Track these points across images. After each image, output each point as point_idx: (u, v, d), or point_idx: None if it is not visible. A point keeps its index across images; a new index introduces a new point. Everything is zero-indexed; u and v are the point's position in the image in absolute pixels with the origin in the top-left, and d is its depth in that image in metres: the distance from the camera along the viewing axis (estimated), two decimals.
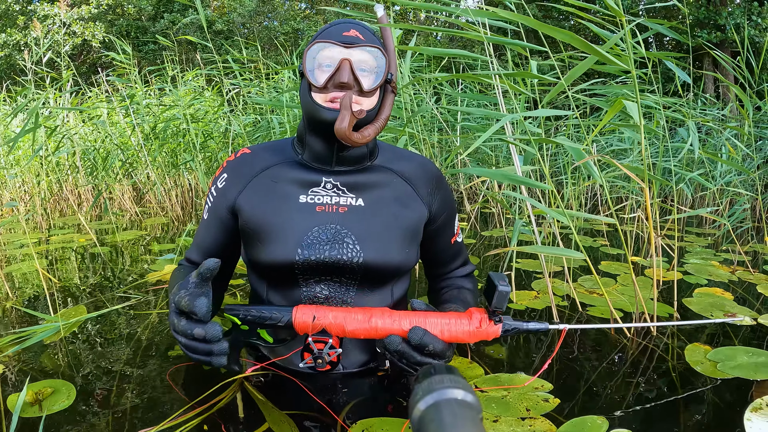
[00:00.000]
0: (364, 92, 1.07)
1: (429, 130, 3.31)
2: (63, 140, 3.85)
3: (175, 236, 2.99)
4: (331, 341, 1.03)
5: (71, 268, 2.27)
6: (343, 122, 1.02)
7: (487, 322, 1.00)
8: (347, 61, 1.04)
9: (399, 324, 0.99)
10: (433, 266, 1.36)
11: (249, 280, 1.26)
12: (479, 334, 1.00)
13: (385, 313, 1.01)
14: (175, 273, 1.23)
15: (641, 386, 1.16)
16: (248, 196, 1.15)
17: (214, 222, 1.21)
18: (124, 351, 1.34)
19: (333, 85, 1.05)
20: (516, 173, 1.40)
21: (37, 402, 1.06)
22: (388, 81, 1.12)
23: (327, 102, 1.07)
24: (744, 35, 2.24)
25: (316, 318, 1.01)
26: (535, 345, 1.40)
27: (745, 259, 2.29)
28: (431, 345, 0.97)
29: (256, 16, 15.07)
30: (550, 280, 1.64)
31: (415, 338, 0.96)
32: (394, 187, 1.18)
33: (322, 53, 1.07)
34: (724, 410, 1.05)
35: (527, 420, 1.00)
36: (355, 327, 1.00)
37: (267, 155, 1.20)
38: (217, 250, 1.23)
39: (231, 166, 1.20)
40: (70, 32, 13.54)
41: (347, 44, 1.06)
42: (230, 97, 3.97)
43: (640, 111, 1.25)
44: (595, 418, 0.99)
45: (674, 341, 1.41)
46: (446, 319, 1.00)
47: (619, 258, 2.38)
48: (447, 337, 0.99)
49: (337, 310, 1.02)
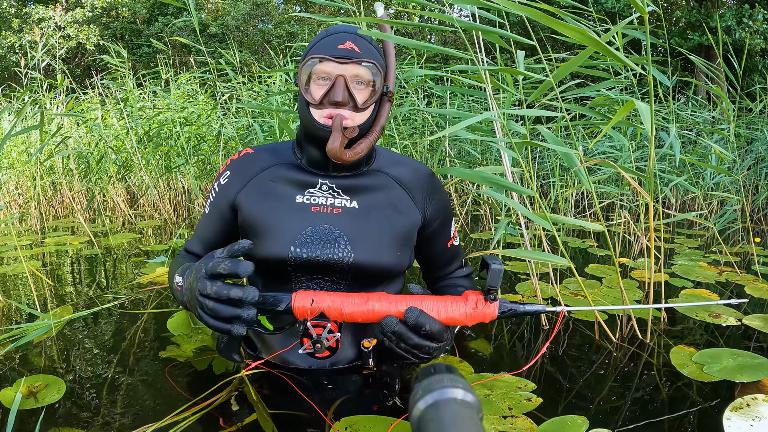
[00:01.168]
0: (359, 108, 1.08)
1: (419, 133, 3.33)
2: (58, 144, 3.85)
3: (168, 238, 2.99)
4: (330, 326, 1.04)
5: (64, 270, 2.27)
6: (334, 143, 1.04)
7: (483, 303, 1.00)
8: (342, 77, 1.05)
9: (396, 306, 1.00)
10: (430, 270, 1.37)
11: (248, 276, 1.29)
12: (476, 316, 1.00)
13: (382, 296, 1.02)
14: (175, 260, 1.26)
15: (625, 388, 1.17)
16: (248, 194, 1.19)
17: (216, 216, 1.25)
18: (114, 350, 1.35)
19: (328, 101, 1.07)
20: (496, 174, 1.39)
21: (32, 395, 1.10)
22: (384, 93, 1.13)
23: (323, 119, 1.08)
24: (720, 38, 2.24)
25: (315, 302, 1.02)
26: (525, 345, 1.41)
27: (732, 260, 2.31)
28: (428, 325, 0.97)
29: (251, 20, 15.07)
30: (538, 284, 1.65)
31: (412, 318, 0.97)
32: (389, 192, 1.20)
33: (317, 68, 1.07)
34: (706, 411, 1.06)
35: (509, 418, 1.01)
36: (353, 310, 1.01)
37: (268, 156, 1.23)
38: (216, 243, 1.27)
39: (234, 165, 1.24)
40: (65, 35, 13.52)
41: (342, 59, 1.06)
42: (224, 100, 3.98)
43: (653, 113, 1.21)
44: (576, 417, 1.01)
45: (661, 342, 1.43)
46: (442, 301, 1.01)
47: (607, 259, 2.40)
48: (444, 319, 1.00)
49: (335, 294, 1.04)
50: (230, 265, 0.95)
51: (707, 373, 1.22)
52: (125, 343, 1.42)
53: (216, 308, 0.96)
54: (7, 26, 13.71)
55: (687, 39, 9.57)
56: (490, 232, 3.08)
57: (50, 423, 1.00)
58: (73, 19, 13.78)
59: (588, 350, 1.39)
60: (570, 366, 1.28)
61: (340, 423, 0.99)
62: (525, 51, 1.49)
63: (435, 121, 3.14)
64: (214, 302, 0.96)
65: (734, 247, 2.73)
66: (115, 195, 3.97)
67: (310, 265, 1.13)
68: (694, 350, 1.34)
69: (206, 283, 0.96)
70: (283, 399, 1.09)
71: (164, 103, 4.02)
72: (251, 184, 1.20)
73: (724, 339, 1.44)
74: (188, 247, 1.31)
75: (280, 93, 3.09)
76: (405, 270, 1.25)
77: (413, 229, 1.21)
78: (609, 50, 1.06)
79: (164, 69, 4.47)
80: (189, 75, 4.54)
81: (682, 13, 9.86)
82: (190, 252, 1.31)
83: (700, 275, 2.09)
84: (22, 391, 1.11)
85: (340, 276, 1.15)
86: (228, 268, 0.95)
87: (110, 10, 15.03)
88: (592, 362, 1.31)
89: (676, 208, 3.65)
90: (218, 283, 0.96)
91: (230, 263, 0.95)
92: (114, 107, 3.99)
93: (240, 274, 0.95)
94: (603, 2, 9.37)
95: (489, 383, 1.15)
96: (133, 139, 3.62)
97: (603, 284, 1.95)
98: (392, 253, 1.16)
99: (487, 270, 0.97)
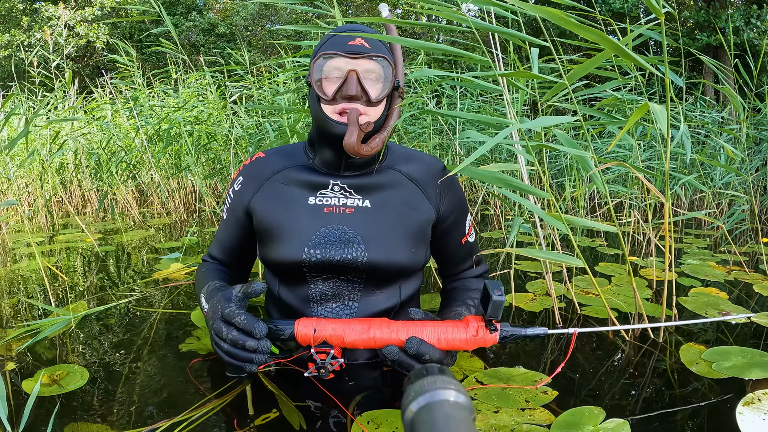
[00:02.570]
0: (372, 102, 1.10)
1: (428, 134, 3.34)
2: (66, 142, 3.89)
3: (179, 236, 3.02)
4: (333, 352, 1.06)
5: (76, 267, 2.30)
6: (351, 137, 1.06)
7: (484, 331, 1.03)
8: (354, 72, 1.07)
9: (396, 334, 1.02)
10: (445, 266, 1.38)
11: (265, 276, 1.32)
12: (476, 342, 1.03)
13: (383, 324, 1.04)
14: (201, 270, 1.30)
15: (636, 383, 1.19)
16: (261, 199, 1.21)
17: (233, 222, 1.28)
18: (133, 344, 1.37)
19: (341, 96, 1.08)
20: (509, 172, 1.38)
21: (54, 382, 1.14)
22: (395, 88, 1.14)
23: (336, 114, 1.10)
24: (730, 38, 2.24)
25: (317, 330, 1.05)
26: (540, 342, 1.42)
27: (741, 259, 2.32)
28: (427, 354, 1.00)
29: (259, 19, 15.10)
30: (552, 283, 1.65)
31: (412, 348, 1.00)
32: (402, 189, 1.20)
33: (329, 64, 1.09)
34: (718, 406, 1.07)
35: (527, 410, 1.03)
36: (354, 338, 1.04)
37: (279, 159, 1.24)
38: (236, 248, 1.31)
39: (246, 170, 1.26)
40: (74, 33, 13.59)
41: (353, 54, 1.08)
42: (233, 100, 4.00)
43: (669, 116, 1.20)
44: (593, 408, 1.02)
45: (672, 340, 1.44)
46: (443, 327, 1.03)
47: (617, 258, 2.40)
48: (444, 346, 1.02)
49: (336, 322, 1.06)
50: (246, 323, 1.00)
51: (716, 371, 1.22)
52: (142, 337, 1.44)
53: (231, 352, 1.01)
54: (16, 24, 13.78)
55: (695, 39, 9.54)
56: (500, 231, 3.09)
57: (70, 410, 1.03)
58: (82, 17, 13.84)
59: (598, 346, 1.40)
60: (582, 362, 1.29)
61: (362, 417, 1.00)
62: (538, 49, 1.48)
63: (445, 120, 3.15)
64: (232, 347, 1.01)
65: (742, 246, 2.73)
66: (126, 194, 4.00)
67: (326, 266, 1.14)
68: (704, 348, 1.35)
69: (222, 328, 1.01)
70: (303, 393, 1.10)
71: (174, 102, 4.05)
72: (264, 188, 1.21)
73: (733, 337, 1.46)
74: (211, 253, 1.36)
75: (289, 92, 3.11)
76: (422, 267, 1.26)
77: (427, 225, 1.22)
78: (627, 53, 1.06)
79: (173, 68, 4.50)
80: (198, 75, 4.56)
81: (690, 14, 9.83)
82: (213, 257, 1.35)
83: (709, 274, 2.10)
84: (44, 380, 1.14)
85: (355, 275, 1.16)
86: (244, 324, 1.00)
87: (119, 10, 15.09)
88: (603, 358, 1.32)
89: (686, 208, 3.65)
90: (234, 332, 1.01)
91: (246, 320, 1.01)
92: (124, 106, 4.02)
93: (254, 335, 1.00)
94: (611, 2, 9.35)
95: (505, 378, 1.17)
96: (144, 138, 3.64)
97: (612, 283, 1.96)
98: (407, 251, 1.17)
99: (489, 300, 0.99)
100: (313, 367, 1.07)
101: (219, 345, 1.03)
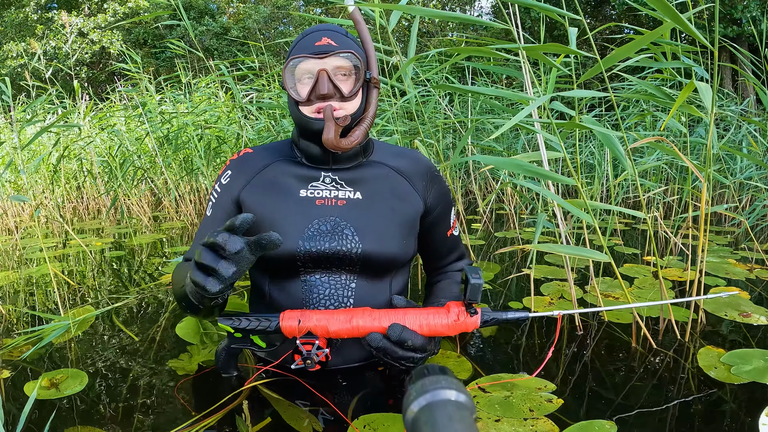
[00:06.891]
0: (346, 97, 1.11)
1: (440, 132, 3.30)
2: (78, 149, 3.92)
3: (188, 241, 3.02)
4: (318, 342, 1.05)
5: (87, 270, 2.30)
6: (329, 133, 1.07)
7: (465, 315, 1.03)
8: (324, 71, 1.09)
9: (379, 322, 1.03)
10: (430, 259, 1.39)
11: (251, 276, 1.29)
12: (458, 327, 1.03)
13: (365, 313, 1.05)
14: (179, 266, 1.23)
15: (649, 389, 1.13)
16: (251, 192, 1.20)
17: (220, 216, 1.24)
18: (135, 349, 1.35)
19: (315, 96, 1.10)
20: (532, 162, 1.32)
21: (53, 386, 1.15)
22: (368, 80, 1.15)
23: (314, 113, 1.12)
24: (762, 28, 2.18)
25: (301, 321, 1.05)
26: (536, 342, 1.38)
27: (764, 257, 2.24)
28: (410, 340, 1.01)
29: (271, 22, 15.19)
30: (572, 281, 1.58)
31: (394, 334, 1.00)
32: (391, 182, 1.22)
33: (300, 67, 1.12)
34: (738, 415, 1.02)
35: (530, 420, 0.99)
36: (338, 327, 1.05)
37: (268, 153, 1.25)
38: None
39: (234, 164, 1.25)
40: (88, 40, 13.77)
41: (321, 54, 1.09)
42: (244, 103, 4.00)
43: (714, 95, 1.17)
44: (603, 422, 0.98)
45: (691, 343, 1.38)
46: (425, 314, 1.04)
47: (634, 258, 2.35)
48: (426, 331, 1.03)
49: (320, 313, 1.06)
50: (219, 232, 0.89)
51: (735, 374, 1.17)
52: (146, 342, 1.42)
53: (202, 253, 0.90)
54: (31, 33, 13.99)
55: (710, 30, 9.39)
56: (515, 231, 3.04)
57: (67, 415, 1.02)
58: (95, 24, 14.02)
59: (608, 350, 1.35)
60: (590, 367, 1.24)
61: (358, 421, 0.99)
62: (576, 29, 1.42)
63: (458, 119, 3.11)
64: (203, 248, 0.90)
65: (764, 243, 2.65)
66: (138, 198, 4.03)
67: (320, 259, 1.14)
68: (723, 351, 1.29)
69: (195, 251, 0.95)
70: (300, 399, 1.09)
71: (183, 107, 4.07)
72: (254, 181, 1.21)
73: (756, 340, 1.39)
74: (188, 256, 1.27)
75: None
76: (410, 259, 1.27)
77: (416, 216, 1.24)
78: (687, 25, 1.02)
79: (183, 73, 4.52)
80: (209, 79, 4.58)
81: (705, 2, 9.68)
82: (189, 260, 1.25)
83: (730, 272, 2.04)
84: (44, 383, 1.15)
85: (349, 268, 1.17)
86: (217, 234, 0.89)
87: (132, 16, 15.28)
88: (612, 362, 1.27)
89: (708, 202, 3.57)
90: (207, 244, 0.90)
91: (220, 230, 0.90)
92: (135, 111, 4.05)
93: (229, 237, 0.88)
94: None
95: (508, 384, 1.13)
96: (153, 143, 3.66)
97: (634, 285, 1.90)
98: (398, 242, 1.19)
99: (467, 285, 1.00)
100: (300, 358, 1.06)
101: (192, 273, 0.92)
